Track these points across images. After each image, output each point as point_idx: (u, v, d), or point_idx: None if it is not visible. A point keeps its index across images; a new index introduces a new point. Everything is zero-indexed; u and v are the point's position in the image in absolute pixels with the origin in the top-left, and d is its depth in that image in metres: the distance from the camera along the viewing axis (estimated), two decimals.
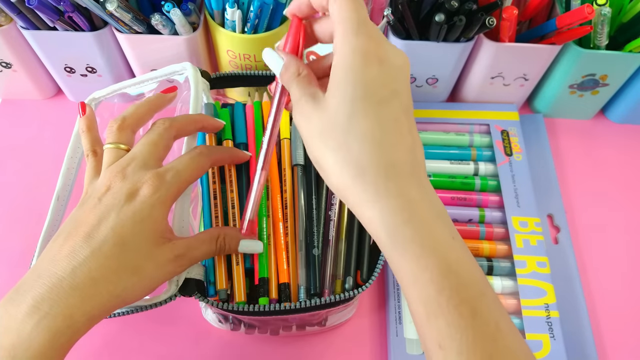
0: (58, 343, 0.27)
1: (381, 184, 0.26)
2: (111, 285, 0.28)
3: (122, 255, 0.29)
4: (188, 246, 0.32)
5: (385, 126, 0.27)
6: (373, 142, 0.27)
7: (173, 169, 0.32)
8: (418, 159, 0.28)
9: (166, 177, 0.32)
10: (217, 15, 0.48)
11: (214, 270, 0.38)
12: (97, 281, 0.28)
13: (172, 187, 0.32)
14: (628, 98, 0.57)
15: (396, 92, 0.28)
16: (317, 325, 0.44)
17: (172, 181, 0.32)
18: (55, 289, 0.27)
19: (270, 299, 0.39)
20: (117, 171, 0.31)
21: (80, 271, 0.28)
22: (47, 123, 0.59)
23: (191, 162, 0.34)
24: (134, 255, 0.29)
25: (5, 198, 0.54)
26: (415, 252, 0.25)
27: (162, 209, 0.31)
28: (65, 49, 0.51)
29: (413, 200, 0.26)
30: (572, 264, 0.50)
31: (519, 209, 0.51)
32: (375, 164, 0.26)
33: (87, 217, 0.30)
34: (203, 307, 0.45)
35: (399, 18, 0.48)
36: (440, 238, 0.26)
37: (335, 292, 0.40)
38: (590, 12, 0.45)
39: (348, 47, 0.27)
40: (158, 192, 0.31)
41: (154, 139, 0.33)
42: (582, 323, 0.47)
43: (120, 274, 0.29)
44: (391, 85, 0.27)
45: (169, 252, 0.31)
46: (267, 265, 0.39)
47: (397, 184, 0.26)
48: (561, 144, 0.59)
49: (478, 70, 0.54)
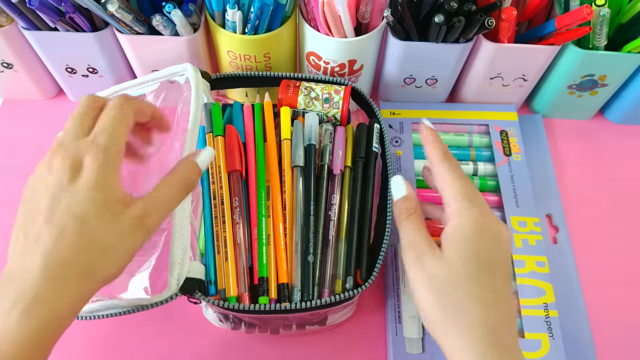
0: (43, 335, 0.27)
1: (481, 348, 0.31)
2: (82, 265, 0.28)
3: (84, 232, 0.28)
4: (146, 202, 0.30)
5: (493, 292, 0.32)
6: (484, 304, 0.31)
7: (102, 130, 0.30)
8: (514, 325, 0.33)
9: (100, 141, 0.30)
10: (217, 16, 0.48)
11: (215, 270, 0.39)
12: (68, 265, 0.27)
13: (110, 147, 0.30)
14: (627, 98, 0.57)
15: (503, 262, 0.34)
16: (317, 325, 0.44)
17: (108, 141, 0.30)
18: (31, 282, 0.27)
19: (270, 299, 0.39)
20: (54, 149, 0.30)
21: (50, 259, 0.27)
22: (48, 123, 0.59)
23: (115, 117, 0.31)
24: (96, 228, 0.28)
25: (5, 198, 0.54)
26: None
27: (111, 174, 0.29)
28: (66, 49, 0.52)
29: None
30: (571, 264, 0.50)
31: (518, 209, 0.51)
32: (480, 324, 0.31)
33: (40, 203, 0.29)
34: (203, 307, 0.45)
35: (398, 19, 0.48)
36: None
37: (336, 292, 0.40)
38: (589, 12, 0.45)
39: (467, 218, 0.33)
40: (99, 158, 0.29)
41: (79, 111, 0.32)
42: (581, 322, 0.47)
43: (87, 250, 0.28)
44: (500, 255, 0.34)
45: (128, 217, 0.29)
46: (266, 265, 0.39)
47: (495, 351, 0.31)
48: (560, 145, 0.59)
49: (477, 71, 0.55)
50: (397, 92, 0.57)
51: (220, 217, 0.41)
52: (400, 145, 0.55)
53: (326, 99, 0.46)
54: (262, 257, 0.40)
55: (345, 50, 0.49)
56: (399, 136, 0.55)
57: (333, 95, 0.46)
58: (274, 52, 0.51)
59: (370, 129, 0.46)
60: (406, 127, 0.56)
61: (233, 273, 0.39)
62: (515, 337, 0.32)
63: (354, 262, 0.40)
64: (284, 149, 0.44)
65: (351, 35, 0.48)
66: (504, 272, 0.33)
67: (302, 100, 0.46)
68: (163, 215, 0.31)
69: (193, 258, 0.39)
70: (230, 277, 0.39)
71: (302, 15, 0.50)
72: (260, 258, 0.40)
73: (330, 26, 0.47)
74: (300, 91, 0.47)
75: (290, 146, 0.44)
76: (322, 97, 0.46)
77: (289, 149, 0.44)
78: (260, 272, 0.39)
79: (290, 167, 0.43)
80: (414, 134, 0.56)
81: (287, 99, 0.47)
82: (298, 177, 0.43)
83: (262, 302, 0.38)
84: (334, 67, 0.51)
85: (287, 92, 0.47)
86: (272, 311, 0.37)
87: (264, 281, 0.39)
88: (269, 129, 0.45)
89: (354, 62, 0.51)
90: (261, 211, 0.41)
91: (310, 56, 0.52)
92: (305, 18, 0.50)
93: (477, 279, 0.32)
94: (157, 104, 0.46)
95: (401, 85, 0.56)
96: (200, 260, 0.40)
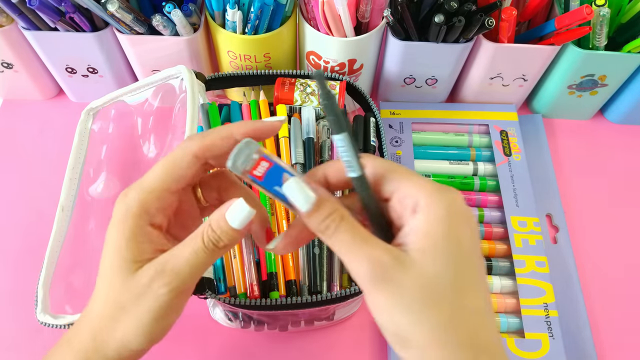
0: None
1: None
2: (107, 335, 0.26)
3: (104, 300, 0.26)
4: (166, 257, 0.26)
5: (486, 290, 0.25)
6: (488, 312, 0.24)
7: (140, 180, 0.26)
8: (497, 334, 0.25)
9: (128, 194, 0.26)
10: (217, 16, 0.48)
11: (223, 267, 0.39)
12: (95, 335, 0.26)
13: (132, 201, 0.26)
14: (627, 98, 0.57)
15: (479, 253, 0.25)
16: (326, 320, 0.44)
17: (132, 195, 0.26)
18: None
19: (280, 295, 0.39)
20: None
21: (80, 330, 0.27)
22: (48, 123, 0.59)
23: (162, 165, 0.26)
24: (112, 293, 0.26)
25: (6, 198, 0.54)
26: None
27: (119, 231, 0.26)
28: (66, 49, 0.52)
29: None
30: (571, 264, 0.50)
31: (518, 208, 0.51)
32: (499, 341, 0.24)
33: None
34: (210, 307, 0.45)
35: (398, 19, 0.48)
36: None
37: (343, 285, 0.40)
38: (589, 12, 0.45)
39: (442, 210, 0.24)
40: (116, 214, 0.26)
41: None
42: (581, 322, 0.47)
43: (109, 319, 0.26)
44: (477, 246, 0.25)
45: (144, 274, 0.25)
46: (274, 261, 0.40)
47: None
48: (560, 144, 0.59)
49: (477, 71, 0.55)
50: (397, 92, 0.57)
51: None
52: (400, 145, 0.55)
53: None
54: (269, 253, 0.40)
55: (345, 50, 0.49)
56: (399, 136, 0.55)
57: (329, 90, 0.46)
58: (274, 51, 0.51)
59: (367, 122, 0.46)
60: (406, 127, 0.56)
61: (242, 269, 0.39)
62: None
63: None
64: (282, 147, 0.44)
65: (351, 35, 0.48)
66: (480, 259, 0.25)
67: (298, 97, 0.46)
68: (186, 273, 0.25)
69: None
70: (239, 273, 0.39)
71: (302, 15, 0.50)
72: (268, 254, 0.40)
73: (330, 26, 0.47)
74: (295, 87, 0.47)
75: (288, 144, 0.44)
76: (318, 92, 0.46)
77: (287, 146, 0.44)
78: (269, 268, 0.40)
79: (291, 164, 0.43)
80: (414, 134, 0.56)
81: (283, 96, 0.47)
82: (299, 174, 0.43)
83: (273, 297, 0.38)
84: (334, 66, 0.51)
85: (283, 89, 0.47)
86: (284, 306, 0.37)
87: (273, 276, 0.39)
88: None
89: (354, 61, 0.51)
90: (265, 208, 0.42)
91: (310, 55, 0.52)
92: (305, 17, 0.50)
93: (470, 281, 0.24)
94: (154, 106, 0.46)
95: (401, 85, 0.56)
96: None
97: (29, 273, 0.47)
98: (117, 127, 0.50)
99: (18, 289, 0.48)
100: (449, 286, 0.23)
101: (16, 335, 0.46)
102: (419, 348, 0.23)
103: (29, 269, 0.47)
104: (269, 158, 0.24)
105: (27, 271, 0.48)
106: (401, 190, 0.25)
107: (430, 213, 0.24)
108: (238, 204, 0.25)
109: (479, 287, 0.24)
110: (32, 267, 0.46)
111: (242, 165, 0.24)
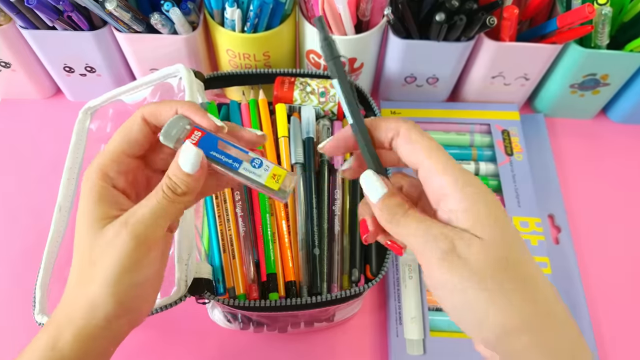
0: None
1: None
2: (78, 297, 0.27)
3: (79, 265, 0.27)
4: (131, 210, 0.27)
5: (537, 266, 0.26)
6: (546, 282, 0.25)
7: (101, 150, 0.28)
8: None
9: (92, 163, 0.28)
10: (216, 14, 0.48)
11: (222, 269, 0.38)
12: (73, 287, 0.27)
13: (93, 167, 0.28)
14: (629, 98, 0.57)
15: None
16: (326, 321, 0.44)
17: (94, 162, 0.28)
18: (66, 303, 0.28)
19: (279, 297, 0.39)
20: None
21: (60, 304, 0.28)
22: (46, 123, 0.59)
23: (118, 132, 0.28)
24: (85, 254, 0.27)
25: (4, 197, 0.54)
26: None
27: (86, 197, 0.27)
28: (64, 48, 0.51)
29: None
30: (573, 264, 0.49)
31: (520, 209, 0.50)
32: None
33: None
34: (209, 309, 0.45)
35: (399, 17, 0.47)
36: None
37: (343, 287, 0.40)
38: (591, 11, 0.44)
39: (483, 196, 0.25)
40: (83, 183, 0.28)
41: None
42: (582, 323, 0.47)
43: (80, 282, 0.27)
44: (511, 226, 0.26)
45: (111, 228, 0.26)
46: (274, 262, 0.39)
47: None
48: (562, 144, 0.59)
49: (478, 70, 0.54)
50: (398, 91, 0.57)
51: (224, 216, 0.41)
52: None
53: (322, 92, 0.45)
54: (269, 253, 0.40)
55: (345, 48, 0.49)
56: None
57: (329, 88, 0.46)
58: (274, 50, 0.50)
59: None
60: None
61: (242, 270, 0.39)
62: None
63: (359, 256, 0.40)
64: (281, 147, 0.44)
65: (351, 33, 0.48)
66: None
67: (298, 95, 0.46)
68: (149, 219, 0.27)
69: (198, 258, 0.39)
70: (239, 274, 0.39)
71: (302, 13, 0.50)
72: (267, 255, 0.40)
73: (330, 24, 0.47)
74: (295, 86, 0.46)
75: (288, 143, 0.44)
76: (318, 91, 0.45)
77: (287, 146, 0.44)
78: (268, 269, 0.39)
79: (290, 164, 0.43)
80: None
81: (282, 95, 0.46)
82: (299, 174, 0.43)
83: (273, 298, 0.38)
84: None
85: (282, 88, 0.46)
86: (283, 307, 0.37)
87: (273, 277, 0.39)
88: (265, 127, 0.45)
89: (354, 60, 0.51)
90: (264, 209, 0.41)
91: (310, 54, 0.52)
92: (305, 16, 0.49)
93: (525, 251, 0.25)
94: None
95: (402, 84, 0.56)
96: (205, 260, 0.39)
97: (26, 274, 0.47)
98: (115, 127, 0.50)
99: (15, 290, 0.48)
100: (512, 260, 0.24)
101: (14, 336, 0.46)
102: (504, 332, 0.23)
103: (27, 269, 0.47)
104: (201, 128, 0.27)
105: (24, 272, 0.48)
106: (425, 168, 0.26)
107: (466, 197, 0.25)
108: (185, 147, 0.26)
109: (531, 257, 0.25)
110: (29, 268, 0.46)
111: (176, 134, 0.26)
